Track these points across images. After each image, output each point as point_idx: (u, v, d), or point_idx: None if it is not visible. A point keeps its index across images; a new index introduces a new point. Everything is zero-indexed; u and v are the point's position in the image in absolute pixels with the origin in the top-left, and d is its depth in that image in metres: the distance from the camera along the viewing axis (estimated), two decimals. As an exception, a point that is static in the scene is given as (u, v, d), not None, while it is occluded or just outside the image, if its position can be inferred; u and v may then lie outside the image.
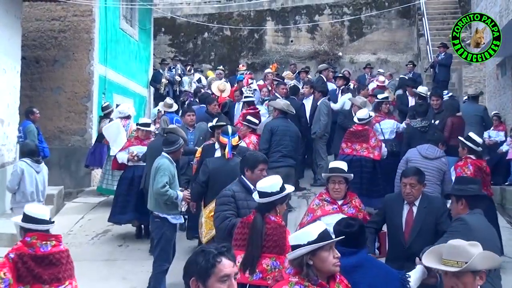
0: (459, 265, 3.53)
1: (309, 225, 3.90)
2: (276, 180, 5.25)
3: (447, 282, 3.62)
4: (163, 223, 7.81)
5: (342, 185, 6.25)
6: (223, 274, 2.88)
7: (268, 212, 5.15)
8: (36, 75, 13.88)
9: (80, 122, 14.00)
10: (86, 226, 10.81)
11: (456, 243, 3.65)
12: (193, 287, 2.88)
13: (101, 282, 8.12)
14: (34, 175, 8.86)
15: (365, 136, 9.62)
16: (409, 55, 22.73)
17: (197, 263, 2.89)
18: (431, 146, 8.38)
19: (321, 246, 3.60)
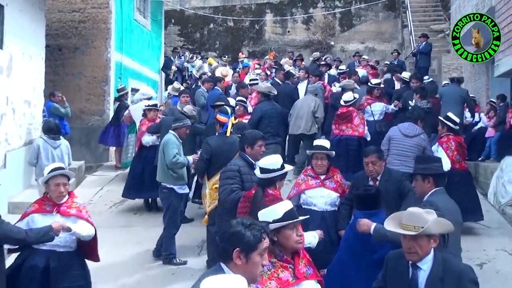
0: (416, 230, 3.56)
1: (277, 204, 3.82)
2: (277, 159, 5.24)
3: (405, 244, 3.64)
4: (170, 193, 7.88)
5: (324, 161, 6.21)
6: (264, 247, 2.89)
7: (268, 187, 5.14)
8: (59, 62, 13.89)
9: (99, 103, 14.03)
10: (105, 196, 10.88)
11: (414, 210, 3.69)
12: (235, 256, 2.83)
13: (118, 246, 8.18)
14: (51, 150, 8.87)
15: (349, 117, 9.62)
16: (394, 44, 22.72)
17: (245, 236, 2.85)
18: (411, 124, 8.38)
19: (285, 224, 3.58)
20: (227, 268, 2.85)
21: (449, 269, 3.61)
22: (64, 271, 5.08)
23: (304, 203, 6.09)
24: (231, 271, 2.84)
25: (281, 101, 11.41)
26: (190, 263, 7.68)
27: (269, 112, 10.02)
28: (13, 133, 10.13)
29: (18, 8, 10.26)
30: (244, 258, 2.84)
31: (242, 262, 2.83)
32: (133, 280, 7.34)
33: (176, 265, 7.68)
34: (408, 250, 3.62)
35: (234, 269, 2.84)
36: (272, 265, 3.56)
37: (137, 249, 8.30)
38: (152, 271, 7.64)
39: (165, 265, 7.73)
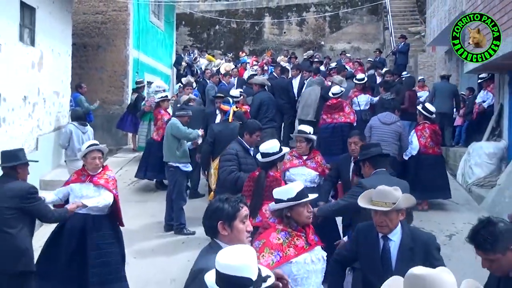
0: (387, 206, 3.52)
1: (291, 184, 3.85)
2: (275, 143, 5.26)
3: (377, 219, 3.58)
4: (175, 171, 7.93)
5: (303, 144, 6.16)
6: (244, 215, 2.87)
7: (270, 169, 5.15)
8: (83, 58, 13.85)
9: (119, 94, 14.03)
10: (124, 175, 10.89)
11: (383, 188, 3.65)
12: (220, 228, 2.82)
13: (135, 218, 8.20)
14: (81, 135, 8.95)
15: (340, 106, 9.61)
16: (376, 44, 22.68)
17: (224, 209, 2.83)
18: (388, 113, 8.41)
19: (299, 203, 3.59)
20: (219, 241, 2.84)
21: (417, 239, 3.60)
22: (97, 230, 5.30)
23: (288, 179, 6.03)
24: (222, 242, 2.83)
25: (278, 93, 11.41)
26: (197, 233, 7.69)
27: (267, 101, 10.11)
28: (44, 120, 10.13)
29: (48, 10, 10.22)
30: (229, 228, 2.81)
31: (228, 232, 2.81)
32: (148, 247, 7.39)
33: (185, 235, 7.72)
34: (380, 224, 3.58)
35: (223, 239, 2.83)
36: (289, 234, 3.59)
37: (151, 221, 8.34)
38: (164, 239, 7.69)
39: (175, 235, 7.77)
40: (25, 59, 9.25)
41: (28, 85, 9.36)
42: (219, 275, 2.15)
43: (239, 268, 2.12)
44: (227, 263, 2.13)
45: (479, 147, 9.96)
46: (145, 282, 6.25)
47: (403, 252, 3.54)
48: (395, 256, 3.56)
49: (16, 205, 4.53)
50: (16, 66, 8.84)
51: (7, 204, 4.52)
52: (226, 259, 2.15)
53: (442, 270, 2.01)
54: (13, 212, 4.53)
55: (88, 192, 5.33)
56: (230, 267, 2.12)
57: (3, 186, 4.62)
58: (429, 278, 1.93)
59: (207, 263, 2.64)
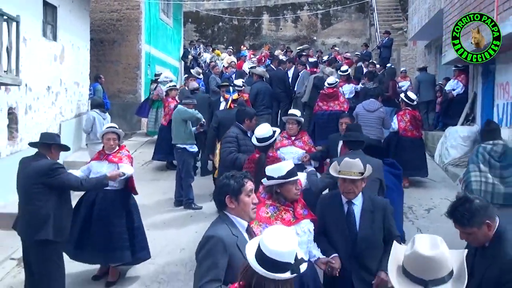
0: (355, 175, 3.59)
1: (282, 162, 3.81)
2: (268, 128, 5.24)
3: (345, 186, 3.63)
4: (183, 152, 7.94)
5: (294, 125, 6.28)
6: (250, 189, 2.86)
7: (267, 151, 5.16)
8: (100, 52, 13.76)
9: (133, 85, 13.96)
10: (138, 156, 10.86)
11: (348, 159, 3.70)
12: (228, 202, 2.81)
13: (148, 196, 8.19)
14: (102, 120, 8.93)
15: (335, 96, 9.57)
16: (363, 39, 22.52)
17: (230, 185, 2.82)
18: (372, 101, 8.39)
19: (288, 181, 3.57)
20: (228, 213, 2.84)
21: (376, 203, 3.69)
22: (105, 203, 5.38)
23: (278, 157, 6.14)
24: (230, 214, 2.83)
25: (275, 83, 11.37)
26: (204, 208, 7.73)
27: (263, 90, 10.08)
28: (65, 107, 10.10)
29: (68, 9, 10.13)
30: (235, 201, 2.81)
31: (235, 205, 2.81)
32: (160, 220, 7.42)
33: (193, 209, 7.74)
34: (348, 191, 3.62)
35: (232, 212, 2.82)
36: (277, 209, 3.58)
37: (163, 197, 8.36)
38: (175, 213, 7.71)
39: (185, 209, 7.79)
40: (48, 53, 9.20)
41: (51, 76, 9.31)
42: (263, 256, 2.10)
43: (284, 254, 2.09)
44: (274, 249, 2.08)
45: (454, 131, 9.96)
46: (158, 251, 6.27)
47: (365, 214, 3.62)
48: (358, 218, 3.63)
49: (41, 180, 4.54)
50: (40, 59, 8.79)
51: (33, 180, 4.54)
52: (273, 245, 2.09)
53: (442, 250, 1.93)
54: (38, 187, 4.54)
55: (102, 169, 5.37)
56: (277, 254, 2.08)
57: (31, 164, 4.62)
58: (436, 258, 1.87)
59: (215, 231, 2.71)
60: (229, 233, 2.72)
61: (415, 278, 1.86)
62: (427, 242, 1.91)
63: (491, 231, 2.81)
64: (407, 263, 1.89)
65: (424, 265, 1.85)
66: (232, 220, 2.81)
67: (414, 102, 8.52)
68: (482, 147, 5.28)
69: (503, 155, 5.13)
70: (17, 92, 7.85)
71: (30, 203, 4.57)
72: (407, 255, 1.90)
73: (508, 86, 8.99)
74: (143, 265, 5.87)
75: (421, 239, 1.94)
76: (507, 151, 5.17)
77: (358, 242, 3.55)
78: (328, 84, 9.73)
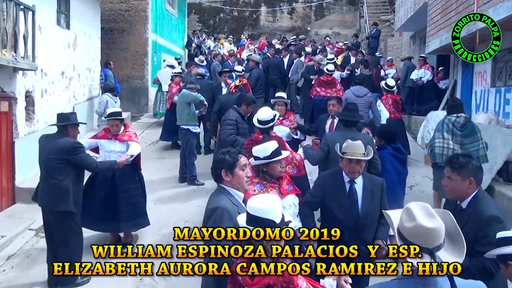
0: (361, 155, 3.54)
1: (267, 143, 3.76)
2: (270, 111, 5.24)
3: (351, 166, 3.55)
4: (187, 132, 7.93)
5: (282, 107, 6.30)
6: (243, 164, 2.86)
7: (269, 132, 5.16)
8: (111, 40, 13.58)
9: (140, 71, 13.81)
10: (145, 137, 10.86)
11: (353, 142, 3.63)
12: (224, 175, 2.82)
13: (154, 172, 8.25)
14: (113, 103, 8.92)
15: (333, 83, 9.52)
16: (353, 30, 22.39)
17: (225, 159, 2.84)
18: (360, 87, 8.35)
19: (273, 161, 3.57)
20: (224, 186, 2.85)
21: (374, 182, 3.66)
22: (125, 177, 5.56)
23: None
24: (226, 186, 2.84)
25: (272, 70, 11.33)
26: (206, 184, 7.74)
27: (261, 76, 10.24)
28: (78, 91, 10.03)
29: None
30: (230, 174, 2.82)
31: (230, 177, 2.82)
32: (165, 195, 7.44)
33: (196, 185, 7.76)
34: (353, 171, 3.56)
35: (227, 184, 2.83)
36: (263, 186, 3.56)
37: (168, 174, 8.36)
38: (179, 189, 7.73)
39: (188, 185, 7.81)
40: (62, 40, 9.09)
41: (65, 62, 9.22)
42: (250, 216, 2.14)
43: (265, 211, 2.11)
44: (256, 206, 2.13)
45: (435, 115, 9.90)
46: (163, 223, 6.31)
47: (366, 192, 3.58)
48: (360, 196, 3.58)
49: (63, 157, 4.59)
50: (54, 46, 8.69)
51: (55, 156, 4.59)
52: (256, 203, 2.14)
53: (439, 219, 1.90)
54: (59, 162, 4.59)
55: (115, 147, 5.52)
56: (259, 210, 2.11)
57: (54, 141, 4.68)
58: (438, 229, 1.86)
59: (219, 202, 2.72)
60: (230, 203, 2.72)
61: (420, 247, 1.85)
62: (424, 213, 1.89)
63: (470, 189, 2.86)
64: (410, 234, 1.87)
65: (428, 236, 1.84)
66: (230, 192, 2.82)
67: (393, 88, 8.52)
68: (448, 118, 5.77)
69: (464, 126, 5.68)
70: (34, 76, 7.77)
71: (52, 177, 4.61)
72: (409, 228, 1.87)
73: (485, 74, 8.97)
74: (150, 235, 5.91)
75: (417, 210, 1.90)
76: (468, 123, 5.75)
77: (360, 218, 3.52)
78: (328, 70, 9.66)
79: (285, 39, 17.15)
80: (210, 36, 19.06)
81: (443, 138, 5.65)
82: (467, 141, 5.63)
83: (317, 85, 9.70)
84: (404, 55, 15.97)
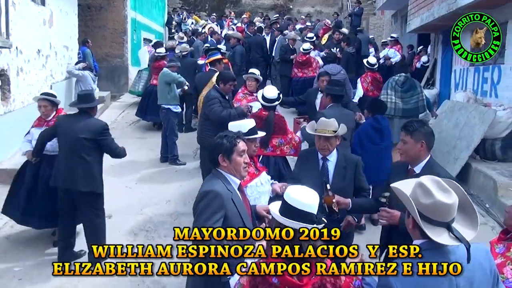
0: (329, 132, 3.63)
1: (244, 120, 3.77)
2: (276, 90, 5.35)
3: (321, 143, 3.66)
4: (168, 112, 7.89)
5: (253, 82, 6.47)
6: (241, 150, 2.77)
7: (274, 110, 5.26)
8: (88, 17, 13.20)
9: (119, 49, 13.50)
10: (126, 116, 10.74)
11: (324, 119, 3.74)
12: (221, 160, 2.73)
13: (136, 152, 8.15)
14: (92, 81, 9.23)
15: (309, 62, 9.52)
16: (335, 8, 22.35)
17: (223, 144, 2.73)
18: (334, 65, 8.44)
19: (249, 138, 3.52)
20: (220, 170, 2.76)
21: (348, 160, 3.73)
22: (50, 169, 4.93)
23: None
24: (222, 171, 2.75)
25: (253, 48, 11.23)
26: (188, 164, 7.74)
27: (244, 53, 10.29)
28: (56, 70, 9.79)
29: (55, -26, 9.66)
30: (228, 160, 2.72)
31: (227, 163, 2.73)
32: (147, 175, 7.40)
33: (177, 165, 7.74)
34: (322, 147, 3.66)
35: (224, 169, 2.74)
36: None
37: (150, 154, 8.31)
38: (161, 168, 7.70)
39: (170, 165, 7.78)
40: (37, 17, 8.81)
41: (41, 40, 8.96)
42: (289, 206, 2.04)
43: (307, 204, 2.03)
44: (299, 198, 2.04)
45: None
46: (145, 203, 6.30)
47: (338, 169, 3.67)
48: (332, 172, 3.67)
49: (93, 137, 4.57)
50: (30, 23, 8.42)
51: (87, 136, 4.54)
52: (298, 195, 2.05)
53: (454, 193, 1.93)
54: (90, 143, 4.57)
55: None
56: (302, 203, 2.03)
57: (83, 122, 4.62)
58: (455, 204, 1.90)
59: (213, 185, 2.64)
60: (225, 189, 2.65)
61: (437, 222, 1.89)
62: (439, 188, 1.91)
63: (421, 152, 3.05)
64: (427, 210, 1.89)
65: (447, 212, 1.88)
66: (226, 177, 2.74)
67: (374, 66, 8.56)
68: (392, 78, 7.28)
69: (404, 83, 7.08)
70: (8, 54, 7.55)
71: (81, 157, 4.57)
72: (427, 205, 1.89)
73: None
74: (132, 215, 5.90)
75: (431, 185, 1.92)
76: (407, 81, 7.12)
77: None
78: (303, 49, 9.64)
79: (267, 17, 16.97)
80: (191, 14, 18.71)
81: (387, 95, 7.01)
82: (407, 95, 7.01)
83: (294, 66, 9.70)
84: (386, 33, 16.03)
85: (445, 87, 10.24)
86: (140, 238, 5.32)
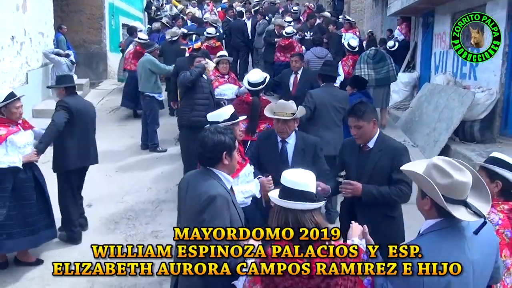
0: (288, 115, 3.68)
1: (223, 108, 3.70)
2: (261, 73, 5.35)
3: (279, 126, 3.72)
4: (151, 100, 7.78)
5: (226, 65, 6.64)
6: (237, 144, 2.78)
7: (259, 94, 5.26)
8: (64, 1, 12.82)
9: (97, 35, 13.23)
10: (106, 104, 10.58)
11: (282, 102, 3.77)
12: (224, 159, 2.52)
13: (117, 139, 8.12)
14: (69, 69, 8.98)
15: (291, 46, 9.46)
16: (317, -9, 22.11)
17: (226, 141, 2.52)
18: (320, 48, 8.48)
19: (233, 123, 3.49)
20: (215, 169, 2.54)
21: (307, 142, 3.79)
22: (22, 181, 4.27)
23: (218, 94, 6.35)
24: (218, 170, 2.55)
25: (234, 33, 11.11)
26: (169, 151, 7.69)
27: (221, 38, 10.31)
28: (31, 57, 9.56)
29: (28, -42, 9.36)
30: (230, 157, 2.55)
31: (228, 161, 2.55)
32: (128, 162, 7.33)
33: (158, 152, 7.68)
34: (281, 130, 3.71)
35: (221, 168, 2.55)
36: None
37: (131, 141, 8.21)
38: (142, 156, 7.62)
39: (151, 152, 7.72)
40: (9, 2, 8.55)
41: (14, 26, 8.71)
42: (286, 189, 2.07)
43: (303, 183, 2.06)
44: (289, 178, 2.07)
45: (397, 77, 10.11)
46: (126, 191, 6.25)
47: (297, 151, 3.74)
48: (291, 155, 3.74)
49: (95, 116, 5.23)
50: (2, 8, 8.18)
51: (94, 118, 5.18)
52: (292, 175, 2.09)
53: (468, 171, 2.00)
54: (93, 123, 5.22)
55: (27, 138, 4.36)
56: (292, 182, 2.06)
57: (88, 103, 5.26)
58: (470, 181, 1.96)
59: (215, 189, 2.42)
60: (225, 190, 2.47)
61: (456, 201, 1.94)
62: (454, 167, 1.96)
63: (374, 129, 3.17)
64: (445, 189, 1.93)
65: (464, 190, 1.95)
66: (220, 176, 2.54)
67: (355, 49, 8.60)
68: (364, 53, 8.36)
69: (374, 56, 8.16)
70: (-19, 41, 7.36)
71: (92, 136, 5.12)
72: (445, 184, 1.93)
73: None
74: (114, 203, 5.85)
75: (446, 165, 1.97)
76: (377, 53, 8.25)
77: None
78: (286, 33, 9.57)
79: (247, 1, 16.79)
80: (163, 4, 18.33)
81: (361, 69, 8.04)
82: (378, 66, 8.07)
83: (277, 51, 9.64)
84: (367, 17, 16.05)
85: (425, 70, 10.33)
86: (121, 226, 5.29)
